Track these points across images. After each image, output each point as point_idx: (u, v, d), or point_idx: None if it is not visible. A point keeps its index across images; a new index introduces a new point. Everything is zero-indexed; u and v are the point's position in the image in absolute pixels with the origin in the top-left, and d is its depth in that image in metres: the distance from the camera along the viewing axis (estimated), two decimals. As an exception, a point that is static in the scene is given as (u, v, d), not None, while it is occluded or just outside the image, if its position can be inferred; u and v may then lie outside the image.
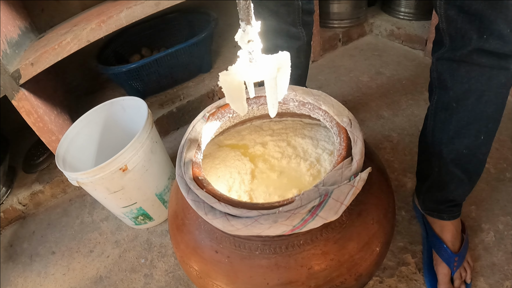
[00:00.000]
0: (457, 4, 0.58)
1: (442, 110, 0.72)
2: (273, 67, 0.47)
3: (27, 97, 1.08)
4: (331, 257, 0.53)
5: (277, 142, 0.88)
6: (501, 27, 0.56)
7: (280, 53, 0.48)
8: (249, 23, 0.44)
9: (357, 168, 0.54)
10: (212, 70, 1.64)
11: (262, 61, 0.48)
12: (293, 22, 0.90)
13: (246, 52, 0.47)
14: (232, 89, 0.49)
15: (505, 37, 0.57)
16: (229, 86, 0.49)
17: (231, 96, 0.50)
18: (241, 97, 0.51)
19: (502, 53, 0.59)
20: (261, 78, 0.49)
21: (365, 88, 1.50)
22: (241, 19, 0.44)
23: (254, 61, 0.47)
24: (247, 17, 0.43)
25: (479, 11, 0.56)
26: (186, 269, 0.63)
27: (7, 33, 1.13)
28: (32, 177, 1.37)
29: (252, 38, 0.45)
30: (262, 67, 0.47)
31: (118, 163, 0.89)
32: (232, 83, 0.48)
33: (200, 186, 0.57)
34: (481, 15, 0.56)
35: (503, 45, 0.58)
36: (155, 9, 1.14)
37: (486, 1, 0.54)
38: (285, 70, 0.49)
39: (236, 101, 0.51)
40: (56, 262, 1.13)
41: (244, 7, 0.43)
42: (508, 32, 0.56)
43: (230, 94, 0.50)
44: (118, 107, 1.13)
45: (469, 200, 0.97)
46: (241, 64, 0.48)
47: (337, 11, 1.73)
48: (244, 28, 0.44)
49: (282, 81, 0.50)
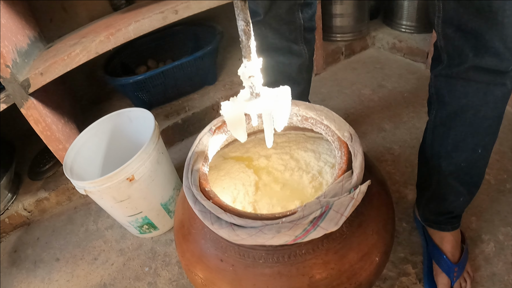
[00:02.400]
0: (454, 23, 0.60)
1: (440, 125, 0.74)
2: (271, 102, 0.50)
3: (35, 105, 1.10)
4: (332, 266, 0.55)
5: (281, 155, 0.89)
6: (497, 45, 0.57)
7: (281, 87, 0.51)
8: (250, 59, 0.46)
9: (357, 181, 0.56)
10: (217, 82, 1.65)
11: (264, 95, 0.50)
12: (295, 39, 0.92)
13: (247, 87, 0.49)
14: (233, 119, 0.52)
15: (501, 54, 0.58)
16: (230, 116, 0.51)
17: (232, 125, 0.53)
18: (241, 126, 0.54)
19: (498, 70, 0.61)
20: (259, 111, 0.52)
21: (367, 101, 1.51)
22: (244, 56, 0.47)
23: (255, 94, 0.50)
24: (248, 54, 0.46)
25: (475, 30, 0.58)
26: (191, 277, 0.65)
27: (17, 42, 1.14)
28: (37, 184, 1.38)
29: (253, 73, 0.47)
30: (262, 101, 0.50)
31: (125, 173, 0.91)
32: (233, 114, 0.51)
33: (206, 197, 0.59)
34: (477, 33, 0.58)
35: (498, 62, 0.60)
36: (162, 23, 1.16)
37: (482, 20, 0.56)
38: (285, 103, 0.52)
39: (236, 130, 0.54)
40: (60, 268, 1.14)
41: (247, 45, 0.45)
42: (503, 49, 0.58)
43: (231, 123, 0.53)
44: (124, 118, 1.15)
45: (469, 211, 0.98)
46: (243, 96, 0.51)
47: (339, 24, 1.75)
48: (245, 65, 0.47)
49: (282, 113, 0.53)
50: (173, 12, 1.16)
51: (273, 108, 0.51)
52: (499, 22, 0.55)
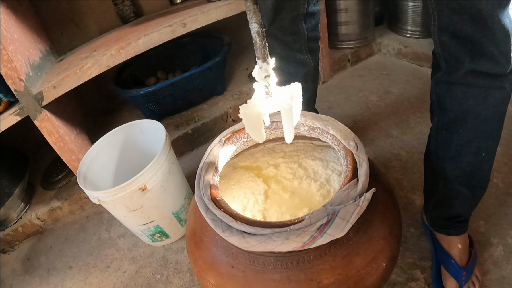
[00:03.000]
0: (450, 30, 0.61)
1: (443, 130, 0.75)
2: (287, 98, 0.52)
3: (49, 118, 1.12)
4: (339, 272, 0.56)
5: (289, 164, 0.90)
6: (491, 49, 0.59)
7: (292, 84, 0.53)
8: (266, 61, 0.48)
9: (362, 188, 0.57)
10: (225, 92, 1.67)
11: (277, 93, 0.52)
12: (300, 49, 0.94)
13: (263, 86, 0.51)
14: (252, 120, 0.54)
15: (496, 58, 0.60)
16: (249, 118, 0.53)
17: (251, 126, 0.55)
18: (259, 126, 0.55)
19: (495, 73, 0.62)
20: (277, 109, 0.53)
21: (374, 108, 1.51)
22: (258, 57, 0.49)
23: (270, 93, 0.52)
24: (263, 56, 0.48)
25: (470, 36, 0.59)
26: (203, 283, 0.66)
27: (30, 56, 1.17)
28: (50, 194, 1.40)
29: (268, 73, 0.49)
30: (278, 98, 0.52)
31: (138, 183, 0.93)
32: (251, 115, 0.53)
33: (218, 206, 0.61)
34: (472, 39, 0.59)
35: (494, 65, 0.61)
36: (171, 36, 1.19)
37: (475, 26, 0.58)
38: (297, 99, 0.54)
39: (255, 131, 0.56)
40: (73, 276, 1.16)
41: (261, 46, 0.47)
42: (497, 53, 0.59)
43: (250, 124, 0.55)
44: (136, 129, 1.17)
45: (477, 215, 0.98)
46: (258, 97, 0.53)
47: (345, 32, 1.76)
48: (261, 65, 0.49)
49: (295, 108, 0.55)
50: (181, 25, 1.18)
51: (290, 103, 0.53)
52: (490, 28, 0.57)
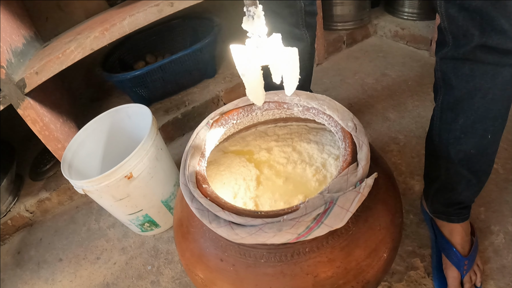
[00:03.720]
0: (457, 2, 0.58)
1: (448, 110, 0.72)
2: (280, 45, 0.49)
3: (32, 105, 1.09)
4: (338, 265, 0.53)
5: (282, 148, 0.87)
6: (502, 22, 0.56)
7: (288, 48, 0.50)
8: (257, 6, 0.45)
9: (363, 173, 0.53)
10: (216, 75, 1.64)
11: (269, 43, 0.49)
12: (296, 23, 0.90)
13: (256, 37, 0.48)
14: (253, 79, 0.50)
15: (507, 32, 0.56)
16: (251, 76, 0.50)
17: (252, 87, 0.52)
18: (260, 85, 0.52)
19: (506, 49, 0.59)
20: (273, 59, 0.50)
21: (371, 90, 1.49)
22: (248, 4, 0.45)
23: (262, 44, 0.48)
24: (254, 1, 0.45)
25: (479, 8, 0.56)
26: (191, 277, 0.63)
27: (12, 42, 1.13)
28: (39, 185, 1.38)
29: (261, 20, 0.46)
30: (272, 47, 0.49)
31: (123, 171, 0.89)
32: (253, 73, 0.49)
33: (204, 194, 0.56)
34: (481, 11, 0.56)
35: (505, 40, 0.58)
36: (158, 16, 1.14)
37: None
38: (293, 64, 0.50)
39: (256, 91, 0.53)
40: (63, 269, 1.14)
41: None
42: (508, 27, 0.56)
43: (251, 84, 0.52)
44: (123, 114, 1.14)
45: (478, 202, 0.96)
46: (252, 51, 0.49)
47: (340, 13, 1.73)
48: (254, 12, 0.45)
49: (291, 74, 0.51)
50: (168, 5, 1.14)
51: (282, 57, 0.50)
52: None
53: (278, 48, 0.49)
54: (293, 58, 0.49)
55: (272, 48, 0.49)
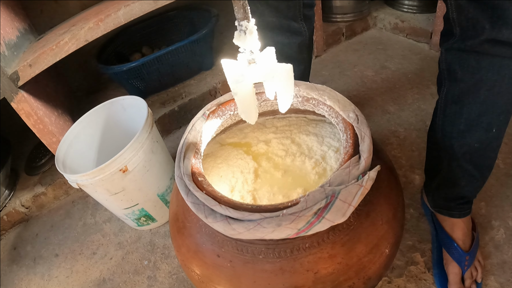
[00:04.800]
0: None
1: (452, 103, 0.70)
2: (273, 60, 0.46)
3: (26, 99, 1.07)
4: (339, 261, 0.51)
5: (281, 140, 0.86)
6: None
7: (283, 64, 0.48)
8: (249, 20, 0.43)
9: (365, 166, 0.51)
10: (214, 67, 1.63)
11: (262, 59, 0.46)
12: (294, 17, 0.88)
13: (248, 53, 0.46)
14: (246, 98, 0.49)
15: None
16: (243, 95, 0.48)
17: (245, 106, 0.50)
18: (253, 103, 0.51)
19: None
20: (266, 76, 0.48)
21: (370, 83, 1.48)
22: (239, 18, 0.43)
23: (255, 60, 0.46)
24: (245, 15, 0.43)
25: (491, 0, 0.54)
26: (188, 273, 0.61)
27: (5, 35, 1.12)
28: (34, 179, 1.37)
29: (253, 35, 0.43)
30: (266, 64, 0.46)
31: (117, 164, 0.88)
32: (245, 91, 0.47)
33: (200, 187, 0.55)
34: (493, 3, 0.54)
35: None
36: (154, 6, 1.12)
37: None
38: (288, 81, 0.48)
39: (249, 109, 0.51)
40: (60, 264, 1.13)
41: (245, 4, 0.42)
42: None
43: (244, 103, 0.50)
44: (118, 106, 1.12)
45: (478, 197, 0.94)
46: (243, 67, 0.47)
47: (339, 5, 1.72)
48: (246, 27, 0.43)
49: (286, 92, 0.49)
50: (164, -5, 1.12)
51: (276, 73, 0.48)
52: None
53: (271, 64, 0.47)
54: (288, 74, 0.48)
55: (266, 64, 0.47)
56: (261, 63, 0.47)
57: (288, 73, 0.47)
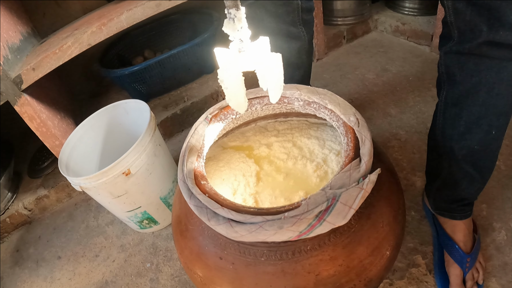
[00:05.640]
0: None
1: (451, 106, 0.71)
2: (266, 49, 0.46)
3: (29, 102, 1.08)
4: (340, 263, 0.52)
5: (283, 143, 0.86)
6: (511, 18, 0.54)
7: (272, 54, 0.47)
8: (238, 8, 0.43)
9: (366, 169, 0.52)
10: (215, 70, 1.61)
11: (253, 48, 0.46)
12: (293, 21, 0.89)
13: (237, 41, 0.46)
14: (233, 85, 0.48)
15: None
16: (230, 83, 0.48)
17: (233, 93, 0.50)
18: (241, 91, 0.50)
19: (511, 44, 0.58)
20: (256, 65, 0.48)
21: (371, 86, 1.48)
22: (229, 6, 0.43)
23: (244, 49, 0.46)
24: (234, 3, 0.43)
25: (488, 3, 0.55)
26: (190, 275, 0.62)
27: (9, 38, 1.12)
28: (37, 182, 1.37)
29: (242, 23, 0.44)
30: (255, 52, 0.46)
31: (120, 167, 0.88)
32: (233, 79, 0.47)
33: (202, 191, 0.55)
34: (490, 6, 0.55)
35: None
36: (156, 10, 1.13)
37: None
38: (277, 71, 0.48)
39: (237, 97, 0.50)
40: (62, 267, 1.13)
41: None
42: None
43: (231, 91, 0.49)
44: (121, 110, 1.12)
45: (479, 199, 0.95)
46: (233, 55, 0.47)
47: (340, 8, 1.72)
48: (233, 15, 0.43)
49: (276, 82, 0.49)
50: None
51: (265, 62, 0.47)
52: None
53: (263, 53, 0.47)
54: (277, 64, 0.47)
55: (257, 53, 0.47)
56: (251, 52, 0.47)
57: (276, 62, 0.47)
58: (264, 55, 0.46)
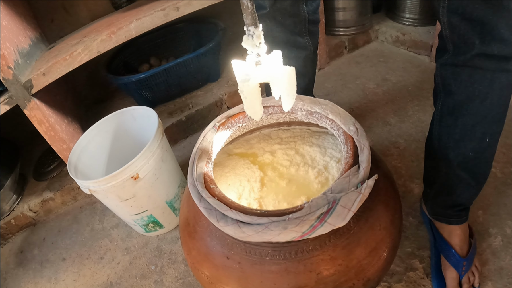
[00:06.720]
0: (459, 11, 0.59)
1: (447, 115, 0.73)
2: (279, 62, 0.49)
3: (38, 106, 1.10)
4: (339, 262, 0.54)
5: (286, 150, 0.88)
6: (502, 31, 0.57)
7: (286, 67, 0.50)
8: (257, 26, 0.46)
9: (364, 175, 0.55)
10: (220, 79, 1.65)
11: (268, 61, 0.49)
12: (300, 32, 0.92)
13: (255, 55, 0.49)
14: (251, 95, 0.51)
15: (506, 40, 0.58)
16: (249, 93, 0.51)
17: (250, 103, 0.53)
18: (258, 101, 0.53)
19: (503, 55, 0.60)
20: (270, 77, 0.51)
21: (372, 95, 1.50)
22: (248, 24, 0.46)
23: (260, 62, 0.49)
24: (254, 21, 0.46)
25: (480, 18, 0.57)
26: (197, 275, 0.64)
27: (19, 43, 1.14)
28: (42, 185, 1.38)
29: (261, 39, 0.47)
30: (270, 65, 0.49)
31: (129, 172, 0.90)
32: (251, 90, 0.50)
33: (212, 194, 0.58)
34: (482, 21, 0.58)
35: (504, 48, 0.59)
36: (164, 20, 1.16)
37: (488, 7, 0.56)
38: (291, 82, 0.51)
39: (254, 106, 0.53)
40: (67, 268, 1.14)
41: (253, 11, 0.45)
42: (509, 35, 0.57)
43: (249, 100, 0.52)
44: (128, 116, 1.14)
45: (476, 205, 0.97)
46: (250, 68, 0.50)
47: (342, 18, 1.74)
48: (254, 32, 0.46)
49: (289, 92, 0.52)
50: (174, 9, 1.15)
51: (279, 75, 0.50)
52: (506, 9, 0.55)
53: (276, 66, 0.50)
54: (290, 77, 0.50)
55: (271, 65, 0.50)
56: (266, 64, 0.50)
57: (290, 74, 0.50)
58: (278, 68, 0.49)
